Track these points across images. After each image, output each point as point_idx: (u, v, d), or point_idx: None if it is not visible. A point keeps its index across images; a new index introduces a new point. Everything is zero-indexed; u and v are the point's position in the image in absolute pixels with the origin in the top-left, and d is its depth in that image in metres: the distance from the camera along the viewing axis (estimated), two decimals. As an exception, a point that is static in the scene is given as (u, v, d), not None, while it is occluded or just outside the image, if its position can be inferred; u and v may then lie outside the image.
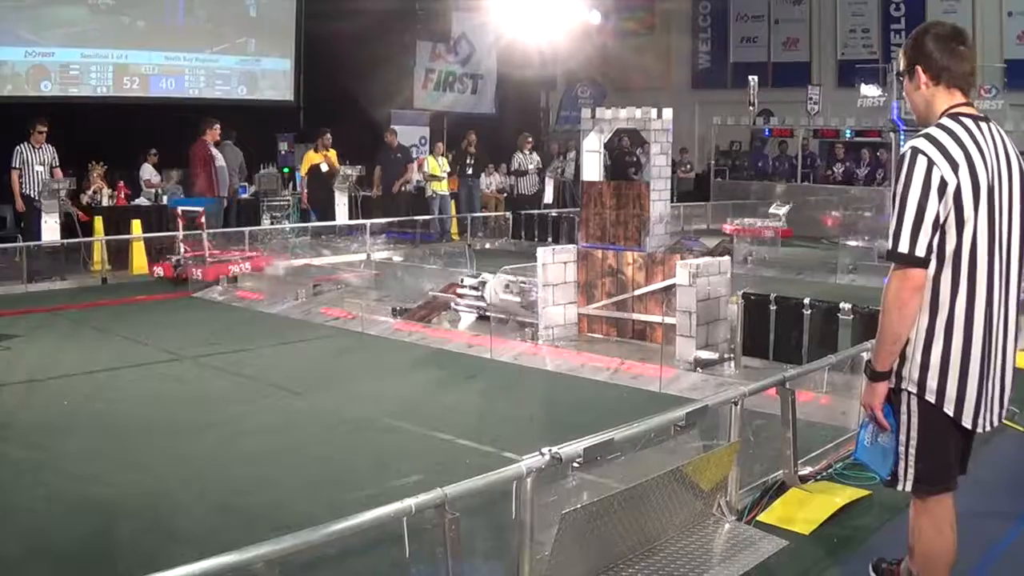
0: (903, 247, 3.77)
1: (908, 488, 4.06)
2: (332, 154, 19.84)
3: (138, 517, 5.87)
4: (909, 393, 3.97)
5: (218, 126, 17.55)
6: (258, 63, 23.73)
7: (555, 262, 10.43)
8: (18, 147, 15.96)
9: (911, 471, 4.02)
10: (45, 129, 16.03)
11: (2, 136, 17.07)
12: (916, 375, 3.93)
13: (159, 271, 14.87)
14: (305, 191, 20.05)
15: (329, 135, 19.92)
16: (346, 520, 3.83)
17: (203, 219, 14.98)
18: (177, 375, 9.57)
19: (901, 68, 4.12)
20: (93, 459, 6.99)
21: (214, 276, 14.17)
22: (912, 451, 4.00)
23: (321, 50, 23.00)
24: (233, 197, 18.20)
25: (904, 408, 4.00)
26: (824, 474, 6.31)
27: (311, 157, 19.97)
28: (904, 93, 4.18)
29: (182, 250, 15.03)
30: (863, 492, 5.94)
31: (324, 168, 19.58)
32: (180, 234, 15.21)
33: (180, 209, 15.66)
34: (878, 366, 3.98)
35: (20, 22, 20.19)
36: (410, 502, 3.90)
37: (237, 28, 23.38)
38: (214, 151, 17.40)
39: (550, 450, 4.29)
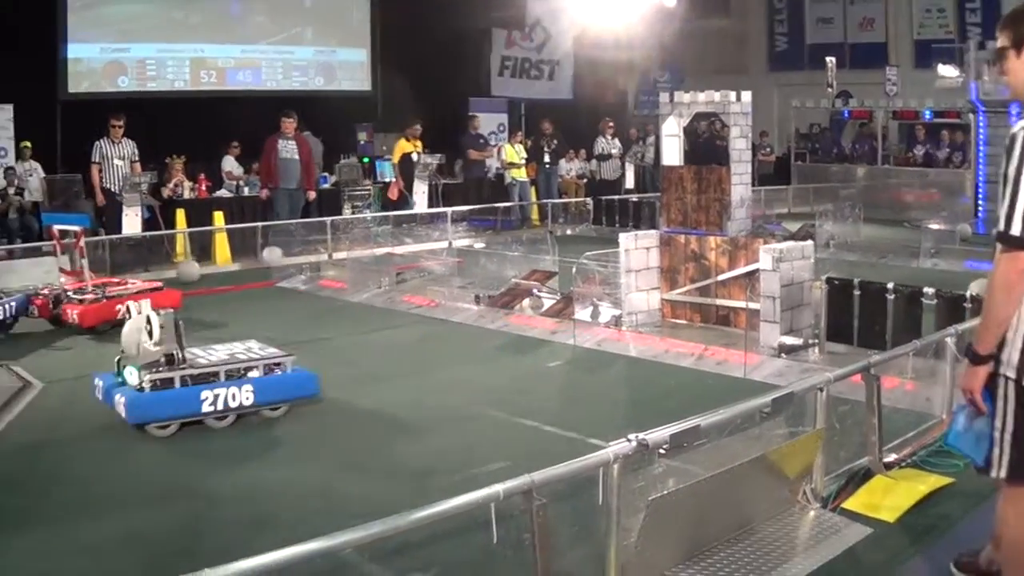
0: (1016, 229, 3.70)
1: (1002, 475, 4.00)
2: (420, 144, 19.98)
3: (226, 505, 6.00)
4: (1007, 378, 3.91)
5: (288, 118, 17.69)
6: (334, 54, 23.85)
7: (637, 248, 10.41)
8: (97, 142, 16.19)
9: (1006, 458, 3.96)
10: (122, 123, 16.23)
11: (82, 132, 17.37)
12: (1016, 360, 3.88)
13: (34, 309, 11.30)
14: (401, 180, 20.20)
15: (419, 125, 20.08)
16: (435, 506, 3.87)
17: (82, 241, 11.78)
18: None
19: (1007, 43, 3.99)
20: (181, 451, 7.11)
21: (94, 321, 10.88)
22: (1008, 437, 3.94)
23: (397, 39, 23.08)
24: (314, 188, 18.32)
25: (1001, 393, 3.94)
26: (909, 461, 6.27)
27: (403, 146, 20.12)
28: (1004, 70, 4.06)
29: (61, 282, 11.89)
30: (948, 479, 5.90)
31: (416, 158, 19.72)
32: (57, 260, 12.29)
33: (55, 228, 12.65)
34: (981, 349, 3.92)
35: (94, 20, 20.51)
36: (498, 488, 3.92)
37: (312, 20, 23.52)
38: (280, 143, 17.52)
39: (636, 436, 4.30)
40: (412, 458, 6.75)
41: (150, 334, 7.36)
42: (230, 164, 20.19)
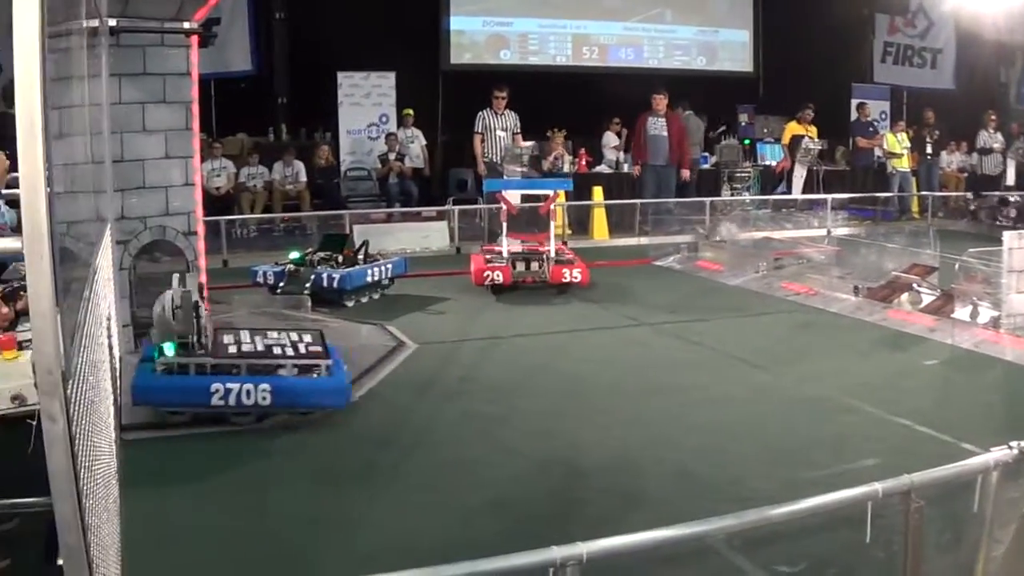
0: None
1: None
2: (813, 130, 19.83)
3: (595, 477, 6.17)
4: None
5: (659, 95, 17.91)
6: (717, 34, 23.81)
7: (1022, 247, 9.92)
8: (481, 112, 16.86)
9: None
10: (505, 95, 16.81)
11: (462, 102, 18.20)
12: None
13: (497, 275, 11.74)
14: (788, 160, 20.16)
15: (811, 110, 19.94)
16: (811, 500, 3.91)
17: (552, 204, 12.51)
18: (637, 340, 9.96)
19: None
20: (553, 417, 7.40)
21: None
22: None
23: (779, 21, 22.85)
24: (688, 166, 18.51)
25: None
26: None
27: (792, 128, 20.05)
28: None
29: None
30: None
31: (806, 144, 19.61)
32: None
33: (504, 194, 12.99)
34: None
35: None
36: (877, 486, 3.88)
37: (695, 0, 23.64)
38: (650, 120, 17.78)
39: (1019, 444, 4.16)
40: (782, 447, 6.76)
41: (173, 314, 6.98)
42: (611, 140, 20.61)
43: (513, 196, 13.03)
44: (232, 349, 7.20)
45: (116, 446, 5.07)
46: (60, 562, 2.50)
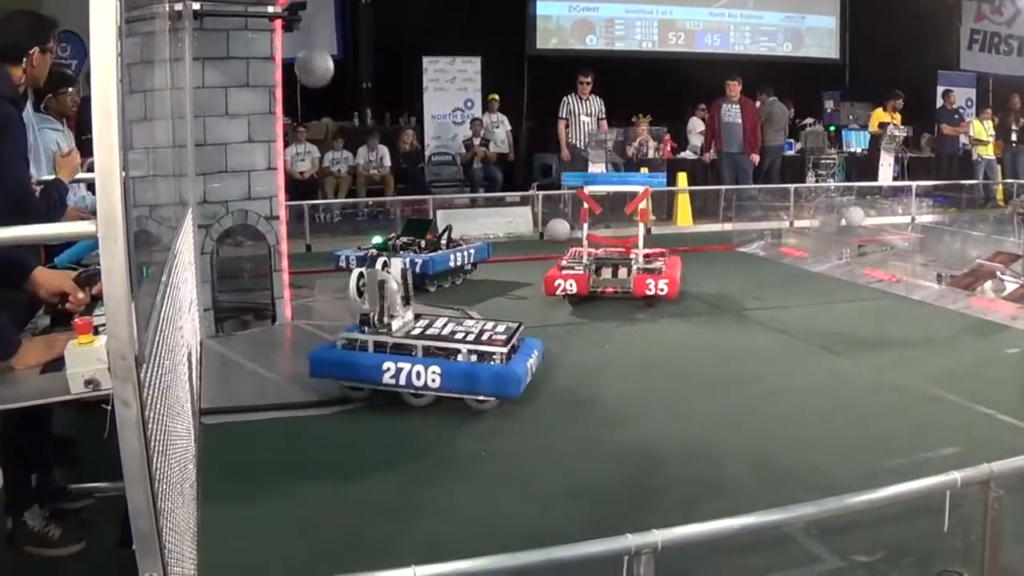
0: None
1: None
2: (897, 117, 19.60)
3: (672, 465, 6.14)
4: None
5: (732, 81, 17.81)
6: (803, 20, 23.59)
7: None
8: (565, 98, 16.91)
9: None
10: (590, 80, 16.83)
11: (548, 87, 18.22)
12: None
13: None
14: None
15: (901, 99, 19.70)
16: (890, 488, 3.93)
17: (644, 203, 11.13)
18: (718, 327, 9.93)
19: None
20: (634, 404, 7.39)
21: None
22: None
23: (865, 8, 22.54)
24: (757, 151, 18.35)
25: None
26: None
27: (879, 115, 19.84)
28: None
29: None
30: None
31: (891, 131, 19.40)
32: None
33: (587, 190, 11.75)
34: None
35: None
36: (956, 475, 3.88)
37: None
38: (724, 107, 17.68)
39: None
40: (861, 435, 6.69)
41: (359, 292, 7.20)
42: (697, 126, 20.52)
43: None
44: (416, 331, 7.36)
45: (194, 430, 5.16)
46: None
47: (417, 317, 7.73)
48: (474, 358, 7.05)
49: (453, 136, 19.75)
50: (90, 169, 3.08)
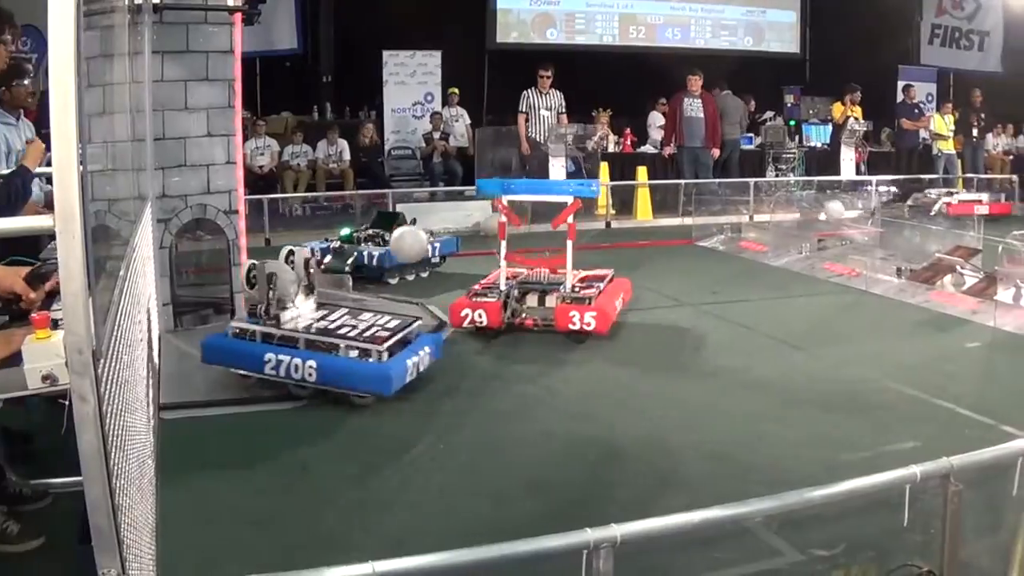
0: None
1: None
2: (857, 111, 19.70)
3: (631, 459, 6.14)
4: None
5: (694, 76, 17.85)
6: (764, 14, 23.74)
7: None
8: (525, 92, 16.86)
9: None
10: (549, 74, 16.79)
11: (508, 81, 18.21)
12: None
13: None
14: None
15: (859, 92, 19.79)
16: (850, 482, 3.93)
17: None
18: (678, 321, 9.90)
19: None
20: (590, 399, 7.39)
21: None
22: None
23: (826, 2, 22.75)
24: (718, 146, 18.37)
25: None
26: None
27: (839, 108, 19.95)
28: None
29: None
30: None
31: (851, 125, 19.50)
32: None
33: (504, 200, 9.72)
34: None
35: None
36: (916, 469, 3.90)
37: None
38: (686, 101, 17.73)
39: None
40: (820, 429, 6.71)
41: (248, 281, 7.31)
42: (656, 120, 20.56)
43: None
44: (304, 324, 7.35)
45: (153, 426, 5.12)
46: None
47: (319, 307, 7.77)
48: (354, 353, 7.00)
49: (413, 130, 19.72)
50: (49, 163, 3.04)
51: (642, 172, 17.89)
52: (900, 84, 22.29)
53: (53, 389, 2.83)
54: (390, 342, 7.06)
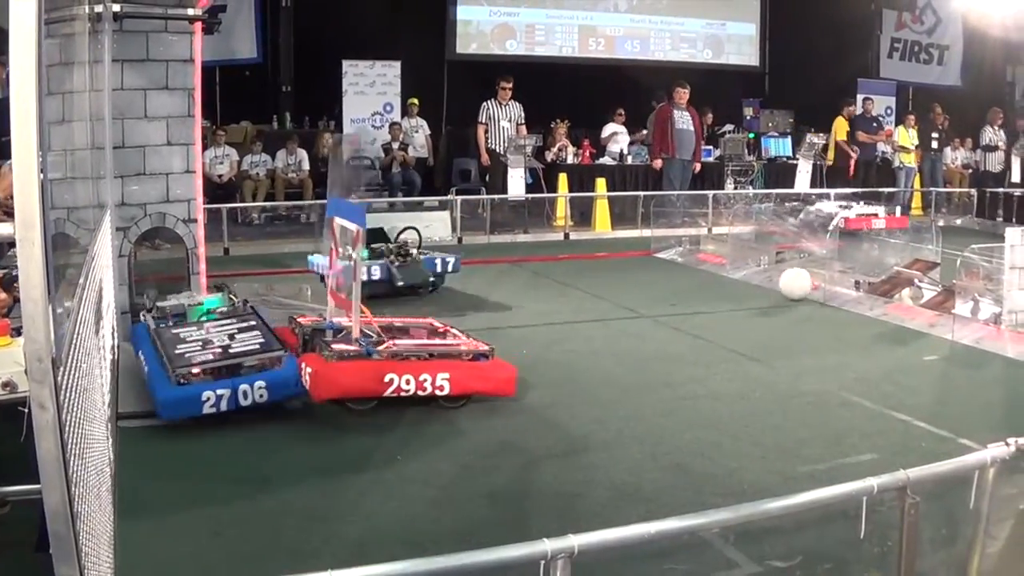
0: None
1: None
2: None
3: (588, 470, 6.15)
4: None
5: (683, 88, 17.97)
6: (723, 27, 23.88)
7: (1024, 244, 9.91)
8: (485, 103, 16.95)
9: None
10: (509, 85, 16.89)
11: (468, 92, 18.24)
12: None
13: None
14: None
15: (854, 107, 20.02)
16: (807, 494, 3.93)
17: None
18: (635, 332, 9.95)
19: None
20: (548, 409, 7.39)
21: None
22: None
23: (786, 15, 22.91)
24: (699, 159, 18.49)
25: None
26: None
27: (841, 123, 20.65)
28: None
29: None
30: None
31: (809, 138, 19.71)
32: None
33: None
34: None
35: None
36: (872, 482, 3.89)
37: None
38: (675, 113, 17.85)
39: (1016, 441, 4.15)
40: (778, 441, 6.74)
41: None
42: (614, 131, 20.59)
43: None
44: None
45: (111, 434, 5.08)
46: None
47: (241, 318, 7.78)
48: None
49: (372, 140, 19.67)
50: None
51: (601, 184, 17.91)
52: (860, 97, 22.44)
53: (12, 396, 2.81)
54: (205, 367, 6.91)
